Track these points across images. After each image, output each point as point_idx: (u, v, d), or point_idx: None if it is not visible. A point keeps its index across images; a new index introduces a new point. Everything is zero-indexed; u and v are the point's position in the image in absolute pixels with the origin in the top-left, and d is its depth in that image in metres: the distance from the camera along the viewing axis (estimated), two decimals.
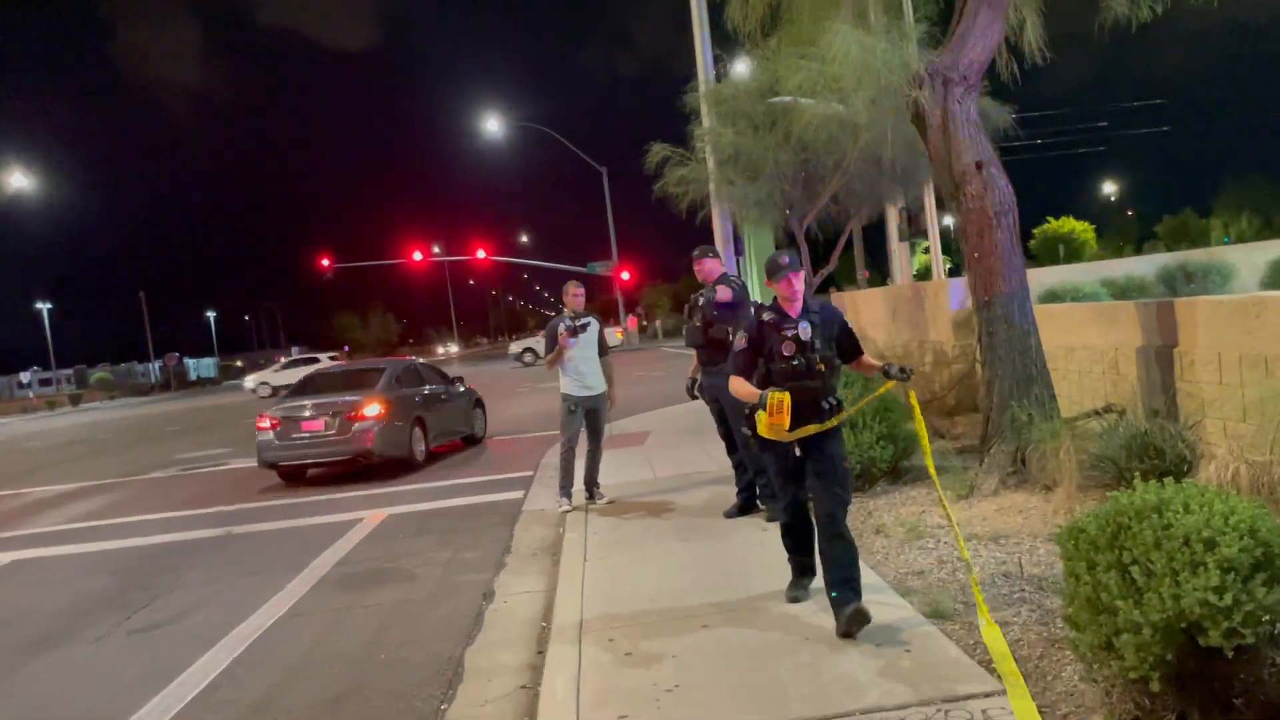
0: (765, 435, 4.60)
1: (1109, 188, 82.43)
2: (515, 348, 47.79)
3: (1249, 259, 19.43)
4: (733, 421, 7.38)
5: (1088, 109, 66.93)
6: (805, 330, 4.63)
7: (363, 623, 6.18)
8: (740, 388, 4.76)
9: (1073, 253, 60.78)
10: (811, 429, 4.65)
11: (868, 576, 5.38)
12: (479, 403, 15.48)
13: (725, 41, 12.56)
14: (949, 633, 4.46)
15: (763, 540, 6.59)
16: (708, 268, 7.36)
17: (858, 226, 18.09)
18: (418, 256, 47.63)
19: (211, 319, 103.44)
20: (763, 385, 4.64)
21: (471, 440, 15.04)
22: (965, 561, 4.71)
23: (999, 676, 3.90)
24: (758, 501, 7.34)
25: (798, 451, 4.69)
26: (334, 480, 12.55)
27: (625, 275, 48.16)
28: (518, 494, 10.02)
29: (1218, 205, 74.96)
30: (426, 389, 13.78)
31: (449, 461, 13.30)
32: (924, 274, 36.00)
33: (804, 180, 11.41)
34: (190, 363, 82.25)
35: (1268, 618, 2.73)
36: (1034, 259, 54.91)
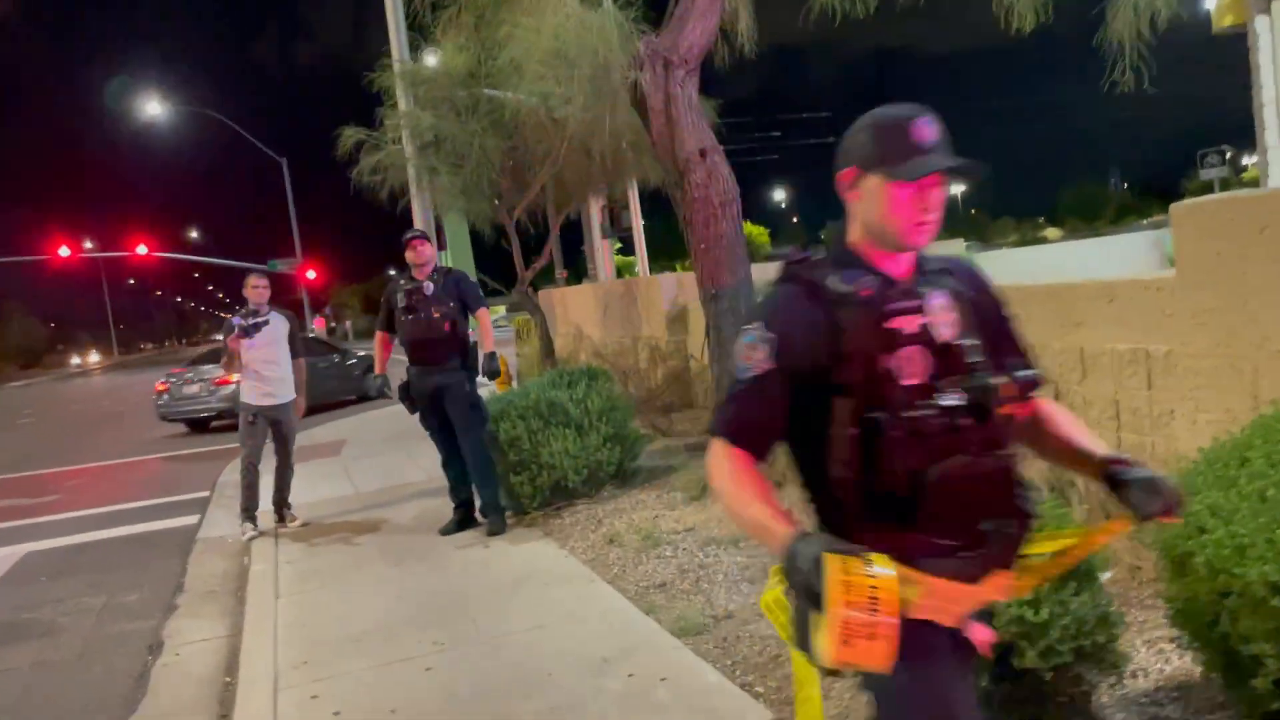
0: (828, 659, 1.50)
1: (780, 194, 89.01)
2: None
3: None
4: (458, 426, 6.55)
5: (761, 119, 71.32)
6: (943, 311, 1.75)
7: None
8: (748, 507, 1.69)
9: (750, 255, 64.85)
10: (1025, 580, 1.80)
11: (606, 592, 4.92)
12: (372, 368, 17.99)
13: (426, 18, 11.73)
14: (704, 652, 4.06)
15: (485, 559, 5.95)
16: (428, 252, 6.56)
17: (558, 223, 17.81)
18: (64, 252, 42.02)
19: None
20: (857, 471, 1.71)
21: (365, 398, 17.37)
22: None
23: (766, 701, 3.54)
24: (476, 515, 6.67)
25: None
26: None
27: (311, 274, 45.22)
28: (191, 519, 8.67)
29: None
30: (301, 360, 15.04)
31: (103, 483, 11.49)
32: (620, 274, 36.67)
33: (512, 169, 10.84)
34: None
35: (1082, 630, 2.47)
36: None
